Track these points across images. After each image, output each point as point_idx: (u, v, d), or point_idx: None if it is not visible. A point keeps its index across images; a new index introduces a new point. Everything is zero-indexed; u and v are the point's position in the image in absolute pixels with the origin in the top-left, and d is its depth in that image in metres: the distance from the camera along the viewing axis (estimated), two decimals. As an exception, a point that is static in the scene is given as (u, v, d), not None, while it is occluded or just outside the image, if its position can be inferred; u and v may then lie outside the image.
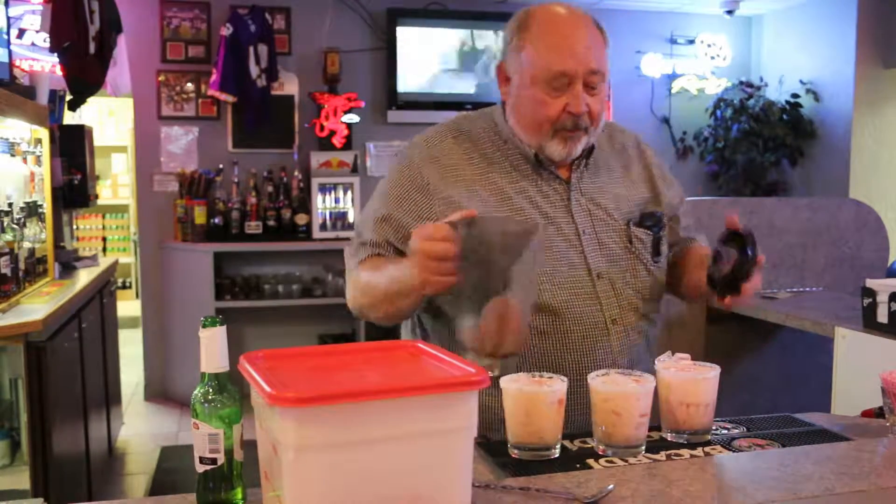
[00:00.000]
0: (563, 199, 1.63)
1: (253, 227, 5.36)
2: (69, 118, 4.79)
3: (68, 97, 4.34)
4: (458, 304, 1.37)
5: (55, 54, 4.22)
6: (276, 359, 1.11)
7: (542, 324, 1.56)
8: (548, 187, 1.63)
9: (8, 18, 3.48)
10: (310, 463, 0.95)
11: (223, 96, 5.38)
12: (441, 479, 1.02)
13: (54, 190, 3.84)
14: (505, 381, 1.37)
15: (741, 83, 6.32)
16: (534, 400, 1.33)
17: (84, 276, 3.80)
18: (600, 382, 1.37)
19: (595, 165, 1.69)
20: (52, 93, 4.18)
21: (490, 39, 5.97)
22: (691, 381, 1.43)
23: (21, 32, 4.80)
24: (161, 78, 5.49)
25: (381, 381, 1.06)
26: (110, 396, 4.25)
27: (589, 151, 1.66)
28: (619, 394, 1.35)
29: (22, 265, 3.20)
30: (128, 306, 7.36)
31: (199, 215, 5.32)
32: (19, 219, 3.27)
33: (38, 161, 3.70)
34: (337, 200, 5.53)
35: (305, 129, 5.64)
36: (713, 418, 1.46)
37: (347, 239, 6.15)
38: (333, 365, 1.13)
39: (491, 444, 1.40)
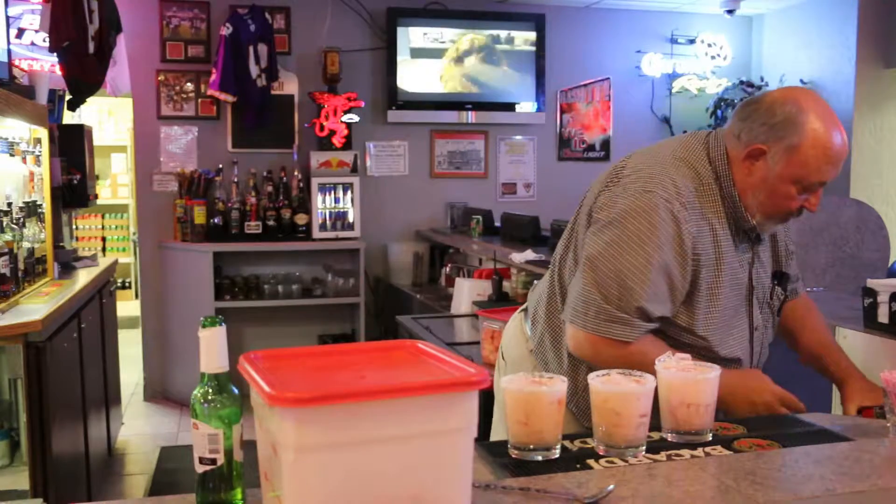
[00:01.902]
0: (748, 261, 1.76)
1: (253, 227, 5.36)
2: (68, 118, 4.79)
3: (68, 97, 4.33)
4: None
5: (54, 54, 4.21)
6: (275, 359, 1.11)
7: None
8: (741, 248, 1.74)
9: (7, 18, 3.48)
10: (310, 463, 0.95)
11: (223, 96, 5.37)
12: (441, 479, 1.01)
13: (53, 190, 3.83)
14: (505, 381, 1.37)
15: (742, 83, 6.31)
16: (533, 400, 1.33)
17: (83, 276, 3.80)
18: (600, 382, 1.37)
19: None
20: (52, 92, 4.17)
21: (489, 39, 5.96)
22: (692, 381, 1.43)
23: (20, 32, 4.80)
24: (161, 78, 5.49)
25: (381, 381, 1.06)
26: (110, 396, 4.24)
27: None
28: (619, 394, 1.34)
29: (21, 265, 3.19)
30: (127, 306, 7.34)
31: (199, 215, 5.32)
32: (18, 219, 3.27)
33: (38, 161, 3.70)
34: (337, 200, 5.53)
35: (305, 129, 5.64)
36: (713, 418, 1.46)
37: (347, 239, 6.08)
38: (333, 365, 1.13)
39: (491, 444, 1.40)
